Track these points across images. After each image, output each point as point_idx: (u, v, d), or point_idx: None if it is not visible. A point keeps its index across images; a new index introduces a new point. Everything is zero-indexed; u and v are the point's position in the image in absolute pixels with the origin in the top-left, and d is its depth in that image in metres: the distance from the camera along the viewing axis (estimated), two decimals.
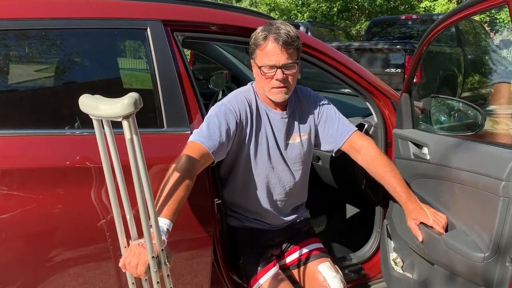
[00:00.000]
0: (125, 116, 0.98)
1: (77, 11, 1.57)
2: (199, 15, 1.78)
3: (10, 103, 1.53)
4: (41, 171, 1.41)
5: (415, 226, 1.60)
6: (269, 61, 1.54)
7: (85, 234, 1.46)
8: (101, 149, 1.08)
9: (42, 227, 1.40)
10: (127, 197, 1.12)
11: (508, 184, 1.23)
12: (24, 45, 1.55)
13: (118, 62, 1.72)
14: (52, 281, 1.43)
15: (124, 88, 1.82)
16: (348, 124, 1.77)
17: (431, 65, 6.68)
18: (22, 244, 1.39)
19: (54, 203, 1.41)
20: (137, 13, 1.64)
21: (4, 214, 1.35)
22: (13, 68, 1.55)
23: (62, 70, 1.64)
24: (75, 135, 1.49)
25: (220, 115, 1.56)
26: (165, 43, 1.64)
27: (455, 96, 7.02)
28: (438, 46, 7.15)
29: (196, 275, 1.68)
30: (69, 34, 1.58)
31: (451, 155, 1.53)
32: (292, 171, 1.75)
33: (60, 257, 1.43)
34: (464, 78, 7.43)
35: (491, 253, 1.28)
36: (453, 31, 7.23)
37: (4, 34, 1.49)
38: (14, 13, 1.49)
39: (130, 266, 1.13)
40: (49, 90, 1.68)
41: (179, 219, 1.31)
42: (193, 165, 1.40)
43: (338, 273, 1.74)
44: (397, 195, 1.66)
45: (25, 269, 1.39)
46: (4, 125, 1.44)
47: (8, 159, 1.38)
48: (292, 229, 1.86)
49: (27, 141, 1.43)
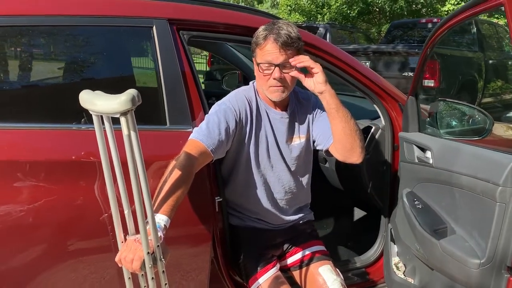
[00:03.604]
0: (123, 112, 0.99)
1: (84, 8, 1.60)
2: (205, 14, 1.79)
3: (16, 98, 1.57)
4: (45, 165, 1.44)
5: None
6: (266, 59, 1.55)
7: (88, 227, 1.49)
8: (100, 145, 1.09)
9: (49, 218, 1.43)
10: (125, 192, 1.13)
11: (505, 190, 1.20)
12: (32, 42, 1.59)
13: (124, 59, 1.75)
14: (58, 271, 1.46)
15: (129, 85, 1.84)
16: None
17: (450, 70, 6.56)
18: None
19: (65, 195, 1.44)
20: (144, 12, 1.67)
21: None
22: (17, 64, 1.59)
23: (69, 67, 1.67)
24: (81, 130, 1.52)
25: (219, 114, 1.57)
26: (171, 42, 1.66)
27: (475, 102, 6.88)
28: (458, 51, 7.02)
29: (195, 272, 1.69)
30: (76, 31, 1.61)
31: (452, 159, 1.51)
32: (291, 171, 1.75)
33: (72, 246, 1.47)
34: (485, 83, 7.27)
35: (487, 260, 1.26)
36: (474, 35, 7.09)
37: (16, 31, 1.53)
38: (24, 9, 1.53)
39: (125, 261, 1.14)
40: (53, 86, 1.72)
41: (179, 217, 1.32)
42: (191, 162, 1.41)
43: (338, 276, 1.73)
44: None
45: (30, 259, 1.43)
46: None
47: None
48: (295, 230, 1.86)
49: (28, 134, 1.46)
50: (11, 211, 1.39)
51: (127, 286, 1.22)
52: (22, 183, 1.41)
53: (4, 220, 1.38)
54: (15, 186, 1.40)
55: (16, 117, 1.48)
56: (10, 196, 1.39)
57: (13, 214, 1.38)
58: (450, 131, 1.80)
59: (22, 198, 1.40)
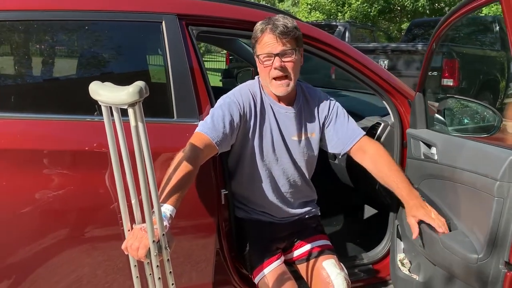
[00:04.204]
0: (131, 103, 1.02)
1: (94, 3, 1.65)
2: (214, 10, 1.82)
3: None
4: (58, 154, 1.50)
5: (414, 223, 1.58)
6: (266, 50, 1.58)
7: (98, 215, 1.54)
8: (108, 135, 1.13)
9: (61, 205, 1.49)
10: (133, 182, 1.16)
11: (502, 184, 1.20)
12: (44, 37, 1.65)
13: (133, 54, 1.79)
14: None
15: (138, 78, 1.89)
16: (356, 128, 1.77)
17: (470, 69, 6.45)
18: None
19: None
20: (153, 7, 1.71)
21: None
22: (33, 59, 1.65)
23: (80, 61, 1.73)
24: (93, 121, 1.56)
25: (224, 107, 1.60)
26: (179, 37, 1.70)
27: (496, 102, 6.74)
28: (479, 49, 6.88)
29: (200, 263, 1.73)
30: (86, 26, 1.66)
31: (455, 155, 1.51)
32: (296, 165, 1.77)
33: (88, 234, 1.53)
34: (507, 83, 7.11)
35: (485, 255, 1.26)
36: (497, 34, 6.94)
37: (27, 26, 1.59)
38: (38, 5, 1.58)
39: (131, 248, 1.17)
40: (65, 80, 1.78)
41: (186, 208, 1.35)
42: (196, 154, 1.44)
43: (342, 270, 1.74)
44: (398, 192, 1.64)
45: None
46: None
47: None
48: (300, 224, 1.87)
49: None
50: (35, 198, 1.45)
51: (133, 274, 1.25)
52: (38, 172, 1.46)
53: (18, 207, 1.44)
54: (31, 175, 1.46)
55: (35, 109, 1.55)
56: (32, 184, 1.45)
57: (26, 201, 1.45)
58: (458, 128, 1.79)
59: (41, 186, 1.46)
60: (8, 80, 1.65)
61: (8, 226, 1.44)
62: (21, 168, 1.45)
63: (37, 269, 1.48)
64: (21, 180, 1.44)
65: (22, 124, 1.49)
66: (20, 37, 1.63)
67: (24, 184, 1.44)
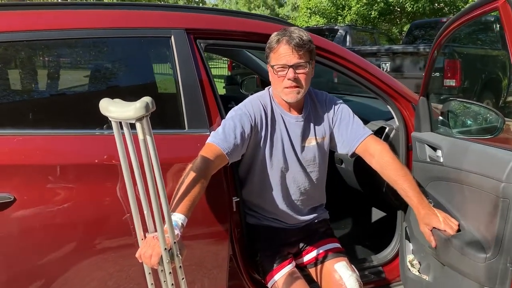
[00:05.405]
0: (138, 118, 1.08)
1: (108, 21, 1.71)
2: (220, 23, 1.88)
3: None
4: (72, 168, 1.55)
5: (428, 231, 1.59)
6: (281, 61, 1.62)
7: (113, 225, 1.59)
8: (119, 149, 1.18)
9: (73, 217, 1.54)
10: (144, 193, 1.20)
11: (508, 186, 1.24)
12: (61, 53, 1.71)
13: (145, 67, 1.86)
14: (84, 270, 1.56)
15: (150, 91, 1.95)
16: (363, 127, 1.79)
17: (472, 69, 6.48)
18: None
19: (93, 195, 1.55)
20: (162, 23, 1.77)
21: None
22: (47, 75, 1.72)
23: (94, 76, 1.79)
24: (104, 135, 1.62)
25: (235, 119, 1.65)
26: (188, 50, 1.75)
27: (499, 101, 6.76)
28: (481, 49, 6.91)
29: (214, 270, 1.76)
30: (101, 43, 1.73)
31: (460, 157, 1.55)
32: (307, 172, 1.80)
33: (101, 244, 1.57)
34: (509, 82, 7.13)
35: (492, 254, 1.29)
36: (497, 33, 6.97)
37: (47, 44, 1.66)
38: (60, 24, 1.66)
39: (144, 256, 1.22)
40: (80, 95, 1.84)
41: (198, 216, 1.39)
42: (207, 165, 1.49)
43: (354, 272, 1.76)
44: (409, 200, 1.64)
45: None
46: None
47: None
48: (310, 229, 1.91)
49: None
50: (45, 211, 1.50)
51: (147, 281, 1.29)
52: (50, 185, 1.52)
53: (38, 219, 1.49)
54: (45, 188, 1.51)
55: (47, 124, 1.60)
56: (44, 197, 1.50)
57: (44, 214, 1.50)
58: (462, 130, 1.83)
59: (53, 199, 1.51)
60: (33, 97, 1.72)
61: (26, 238, 1.49)
62: (40, 183, 1.50)
63: (58, 279, 1.53)
64: (39, 194, 1.49)
65: (41, 140, 1.55)
66: (41, 55, 1.70)
67: (42, 198, 1.49)
